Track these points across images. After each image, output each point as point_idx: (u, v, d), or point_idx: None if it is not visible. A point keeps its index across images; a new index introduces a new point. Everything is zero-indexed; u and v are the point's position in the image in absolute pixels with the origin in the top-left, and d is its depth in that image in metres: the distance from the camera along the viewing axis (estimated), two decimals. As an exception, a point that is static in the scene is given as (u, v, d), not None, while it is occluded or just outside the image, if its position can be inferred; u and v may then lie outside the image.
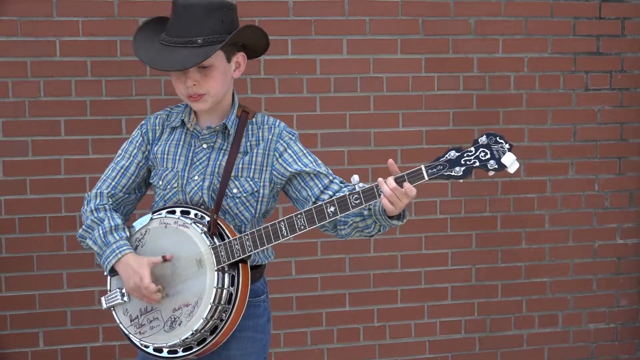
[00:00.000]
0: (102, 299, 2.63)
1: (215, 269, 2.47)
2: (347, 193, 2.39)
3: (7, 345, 3.84)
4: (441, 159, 2.34)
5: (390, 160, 2.39)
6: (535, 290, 4.41)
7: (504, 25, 4.25)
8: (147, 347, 2.55)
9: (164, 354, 2.54)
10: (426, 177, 2.34)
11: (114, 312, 2.62)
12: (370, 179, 3.89)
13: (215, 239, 2.50)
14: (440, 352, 4.33)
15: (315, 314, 4.16)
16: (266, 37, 2.65)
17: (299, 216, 2.43)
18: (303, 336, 4.15)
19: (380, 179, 2.36)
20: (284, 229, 2.45)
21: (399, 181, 2.33)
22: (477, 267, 4.34)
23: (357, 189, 2.38)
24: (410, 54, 4.16)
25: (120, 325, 2.60)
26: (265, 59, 3.98)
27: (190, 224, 2.50)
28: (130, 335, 2.58)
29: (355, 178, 2.40)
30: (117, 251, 2.52)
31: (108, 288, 2.63)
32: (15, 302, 3.83)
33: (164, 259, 2.49)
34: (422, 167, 2.34)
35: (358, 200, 2.38)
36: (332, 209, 2.40)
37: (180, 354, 2.53)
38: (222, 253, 2.48)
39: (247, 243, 2.47)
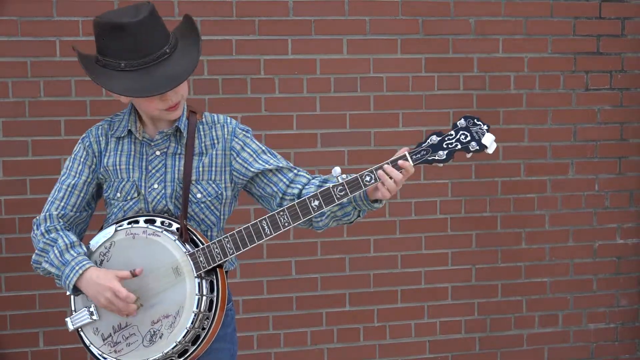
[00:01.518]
0: (68, 320, 2.51)
1: (195, 275, 2.39)
2: (331, 185, 2.36)
3: (7, 345, 3.84)
4: (423, 145, 2.35)
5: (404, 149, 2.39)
6: (535, 290, 4.41)
7: (504, 25, 4.25)
8: None
9: None
10: (411, 163, 2.34)
11: (81, 334, 2.50)
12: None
13: (188, 246, 2.43)
14: (440, 352, 4.33)
15: (315, 314, 4.16)
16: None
17: (282, 213, 2.38)
18: (303, 336, 4.15)
19: (380, 171, 2.34)
20: (266, 227, 2.40)
21: (393, 166, 2.34)
22: (477, 267, 4.34)
23: (340, 181, 2.36)
24: (410, 54, 4.16)
25: (91, 347, 2.48)
26: (265, 59, 3.98)
27: (161, 232, 2.42)
28: (103, 355, 2.46)
29: (337, 170, 2.37)
30: (77, 267, 2.41)
31: (72, 307, 2.51)
32: (15, 302, 3.83)
33: (133, 274, 2.39)
34: (406, 153, 2.36)
35: (343, 192, 2.35)
36: (317, 202, 2.37)
37: None
38: (201, 258, 2.41)
39: (228, 245, 2.41)
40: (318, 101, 4.08)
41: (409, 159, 2.34)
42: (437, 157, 2.34)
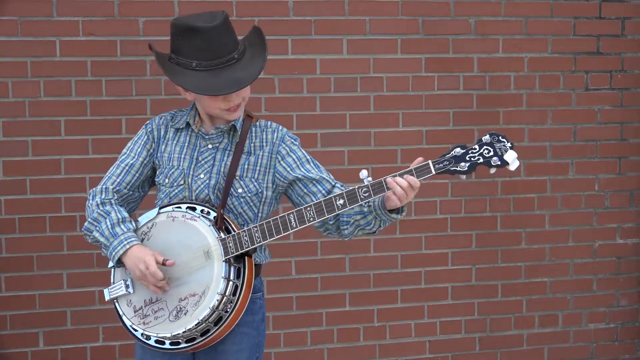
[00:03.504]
0: (105, 290, 2.66)
1: (223, 259, 2.53)
2: (357, 187, 2.48)
3: (7, 345, 3.84)
4: (447, 155, 2.47)
5: (420, 158, 2.49)
6: (535, 290, 4.41)
7: (504, 25, 4.25)
8: (149, 338, 2.58)
9: (166, 345, 2.57)
10: (433, 172, 2.46)
11: (116, 304, 2.65)
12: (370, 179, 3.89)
13: (222, 233, 2.58)
14: (440, 352, 4.33)
15: (315, 314, 4.16)
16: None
17: (308, 208, 2.54)
18: (303, 336, 4.15)
19: (389, 179, 2.45)
20: (292, 220, 2.56)
21: (406, 175, 2.45)
22: (477, 267, 4.34)
23: (366, 182, 2.48)
24: (410, 54, 4.16)
25: (123, 317, 2.64)
26: (265, 59, 3.98)
27: (198, 217, 2.57)
28: (133, 326, 2.61)
29: (364, 173, 2.49)
30: (125, 242, 2.56)
31: (112, 280, 2.67)
32: (15, 302, 3.83)
33: (163, 263, 2.53)
34: (430, 162, 2.47)
35: (367, 194, 2.48)
36: (341, 201, 2.50)
37: (183, 345, 2.56)
38: (231, 244, 2.55)
39: (257, 234, 2.56)
40: (318, 101, 4.08)
41: (432, 167, 2.45)
42: (459, 169, 2.46)
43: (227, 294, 2.52)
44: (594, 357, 4.52)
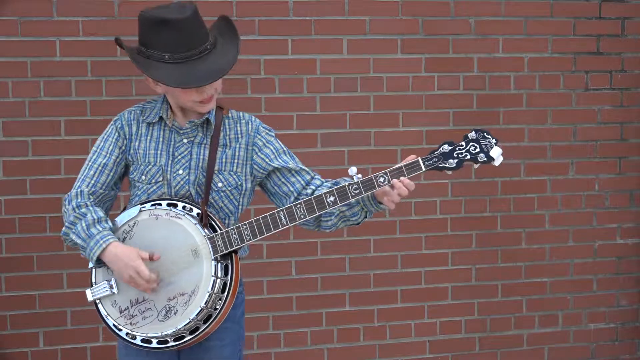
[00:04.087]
0: (88, 291, 2.63)
1: (212, 258, 2.53)
2: (347, 184, 2.51)
3: (7, 345, 3.84)
4: (436, 152, 2.54)
5: (412, 156, 2.56)
6: (535, 290, 4.41)
7: (504, 25, 4.25)
8: (134, 337, 2.56)
9: (154, 344, 2.56)
10: (423, 169, 2.53)
11: (99, 305, 2.61)
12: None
13: (207, 230, 2.57)
14: (440, 352, 4.33)
15: (315, 314, 4.16)
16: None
17: (299, 206, 2.54)
18: (303, 336, 4.15)
19: (395, 181, 2.50)
20: (283, 218, 2.55)
21: (397, 173, 2.51)
22: (477, 267, 4.34)
23: (356, 180, 2.51)
24: (410, 54, 4.16)
25: (107, 318, 2.60)
26: (265, 59, 3.98)
27: (183, 215, 2.55)
28: (119, 327, 2.58)
29: (353, 169, 2.52)
30: (102, 241, 2.53)
31: (93, 281, 2.63)
32: (15, 302, 3.83)
33: (151, 258, 2.52)
34: (419, 159, 2.53)
35: (357, 191, 2.52)
36: (332, 198, 2.53)
37: (172, 343, 2.55)
38: (220, 243, 2.55)
39: (246, 232, 2.56)
40: (318, 101, 4.08)
41: (422, 164, 2.52)
42: (447, 165, 2.53)
43: (216, 291, 2.53)
44: (594, 357, 4.52)
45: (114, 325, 2.59)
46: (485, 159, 2.52)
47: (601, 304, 4.51)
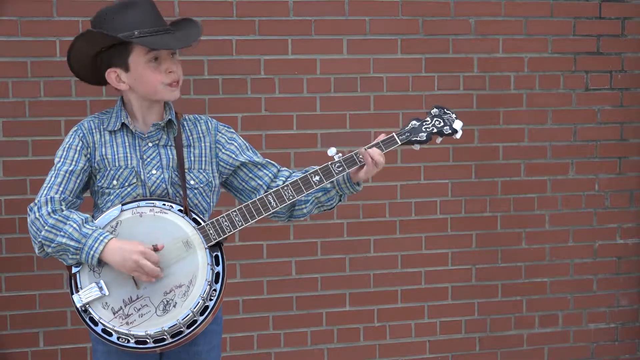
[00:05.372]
0: (75, 296, 2.53)
1: (206, 247, 2.55)
2: (329, 163, 2.66)
3: (7, 345, 3.84)
4: (406, 128, 2.76)
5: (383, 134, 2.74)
6: (535, 290, 4.41)
7: (504, 25, 4.25)
8: (127, 341, 2.50)
9: (150, 344, 2.50)
10: (398, 142, 2.73)
11: (90, 309, 2.52)
12: (370, 179, 3.88)
13: (194, 223, 2.59)
14: (440, 352, 4.33)
15: (315, 314, 4.16)
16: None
17: (285, 188, 2.62)
18: (303, 336, 4.15)
19: (362, 149, 2.67)
20: (272, 200, 2.61)
21: (375, 147, 2.68)
22: (477, 267, 4.34)
23: (337, 159, 2.67)
24: (410, 54, 4.16)
25: (100, 321, 2.51)
26: (265, 59, 3.98)
27: (169, 209, 2.56)
28: (114, 329, 2.50)
29: (333, 150, 2.69)
30: (101, 238, 2.48)
31: (79, 286, 2.53)
32: (15, 302, 3.83)
33: (155, 249, 2.51)
34: (394, 134, 2.73)
35: (341, 168, 2.67)
36: (317, 177, 2.64)
37: (169, 340, 2.51)
38: (211, 231, 2.56)
39: (237, 218, 2.59)
40: (318, 101, 4.08)
41: (397, 138, 2.72)
42: (418, 138, 2.75)
43: (211, 281, 2.54)
44: (594, 357, 4.52)
45: (103, 330, 2.51)
46: (450, 131, 2.76)
47: (601, 304, 4.51)
